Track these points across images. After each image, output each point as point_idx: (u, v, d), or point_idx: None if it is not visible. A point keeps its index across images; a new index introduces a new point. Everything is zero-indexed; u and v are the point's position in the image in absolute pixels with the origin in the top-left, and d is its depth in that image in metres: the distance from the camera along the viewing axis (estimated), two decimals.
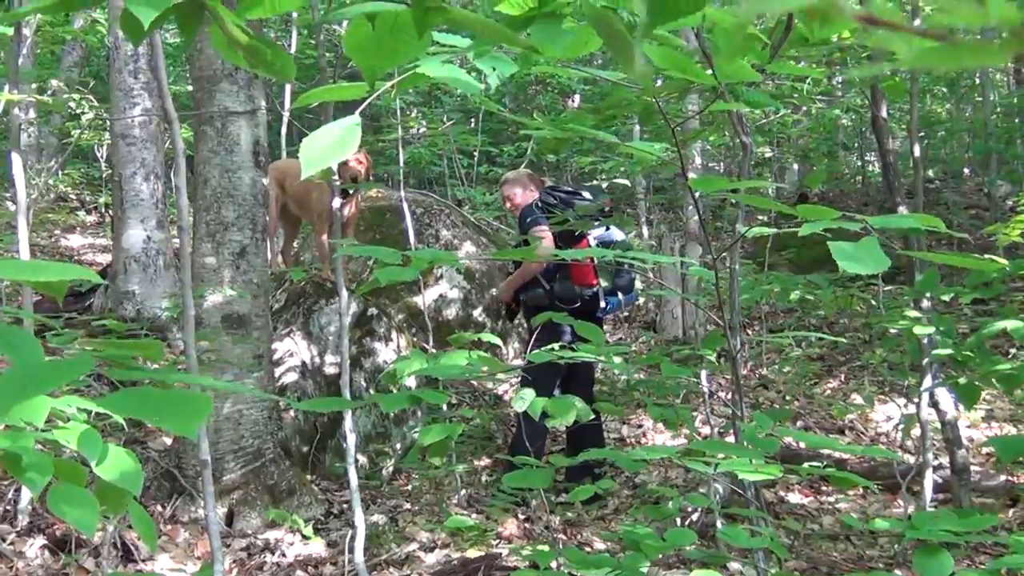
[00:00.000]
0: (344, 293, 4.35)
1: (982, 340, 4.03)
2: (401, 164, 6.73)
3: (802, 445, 6.02)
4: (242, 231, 5.08)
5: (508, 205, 6.04)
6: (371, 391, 6.11)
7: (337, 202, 4.83)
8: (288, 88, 10.78)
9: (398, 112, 7.53)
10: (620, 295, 5.77)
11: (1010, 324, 3.83)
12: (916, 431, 5.02)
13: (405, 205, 6.65)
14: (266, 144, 5.28)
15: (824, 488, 5.70)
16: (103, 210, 12.43)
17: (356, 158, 6.27)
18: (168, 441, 5.51)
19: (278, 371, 5.96)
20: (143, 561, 4.41)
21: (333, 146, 1.52)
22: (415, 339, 7.02)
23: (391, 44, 1.55)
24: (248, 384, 5.01)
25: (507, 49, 1.97)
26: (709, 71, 2.12)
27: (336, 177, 4.77)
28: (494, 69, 1.93)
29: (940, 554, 2.07)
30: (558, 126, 2.71)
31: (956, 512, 2.56)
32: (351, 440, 4.03)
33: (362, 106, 1.78)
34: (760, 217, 10.96)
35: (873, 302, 7.13)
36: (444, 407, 5.57)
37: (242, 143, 5.10)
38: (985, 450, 6.18)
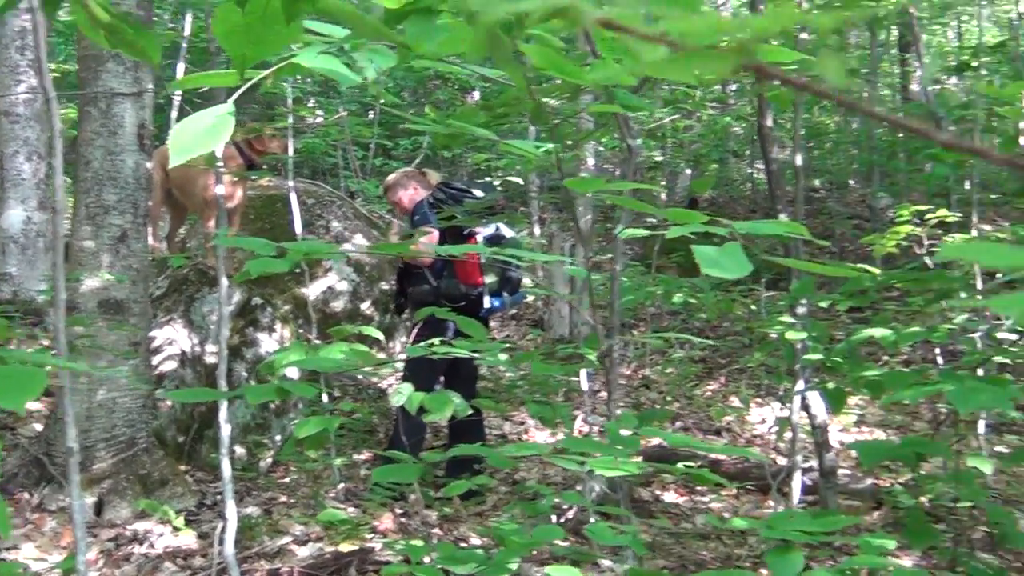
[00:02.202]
0: (224, 281, 4.28)
1: (852, 346, 4.15)
2: (291, 153, 6.63)
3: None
4: (123, 215, 4.97)
5: (397, 210, 6.02)
6: (252, 381, 6.04)
7: (221, 189, 4.76)
8: (181, 71, 10.59)
9: (289, 100, 7.42)
10: (506, 295, 5.80)
11: (877, 331, 3.95)
12: (789, 434, 5.15)
13: (293, 195, 6.57)
14: (152, 127, 5.17)
15: (699, 488, 5.81)
16: None
17: (271, 138, 6.28)
18: (39, 428, 5.37)
19: (157, 359, 5.85)
20: (6, 550, 4.29)
21: (204, 134, 1.50)
22: (300, 330, 6.95)
23: (261, 32, 1.53)
24: (124, 372, 4.91)
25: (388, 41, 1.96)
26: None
27: (220, 164, 4.70)
28: (371, 61, 1.92)
29: (792, 552, 2.13)
30: (445, 123, 2.70)
31: (814, 513, 2.64)
32: (225, 431, 3.97)
33: (236, 95, 1.76)
34: (650, 220, 11.10)
35: (754, 307, 7.29)
36: (325, 399, 5.52)
37: (126, 125, 4.98)
38: (854, 454, 6.35)
